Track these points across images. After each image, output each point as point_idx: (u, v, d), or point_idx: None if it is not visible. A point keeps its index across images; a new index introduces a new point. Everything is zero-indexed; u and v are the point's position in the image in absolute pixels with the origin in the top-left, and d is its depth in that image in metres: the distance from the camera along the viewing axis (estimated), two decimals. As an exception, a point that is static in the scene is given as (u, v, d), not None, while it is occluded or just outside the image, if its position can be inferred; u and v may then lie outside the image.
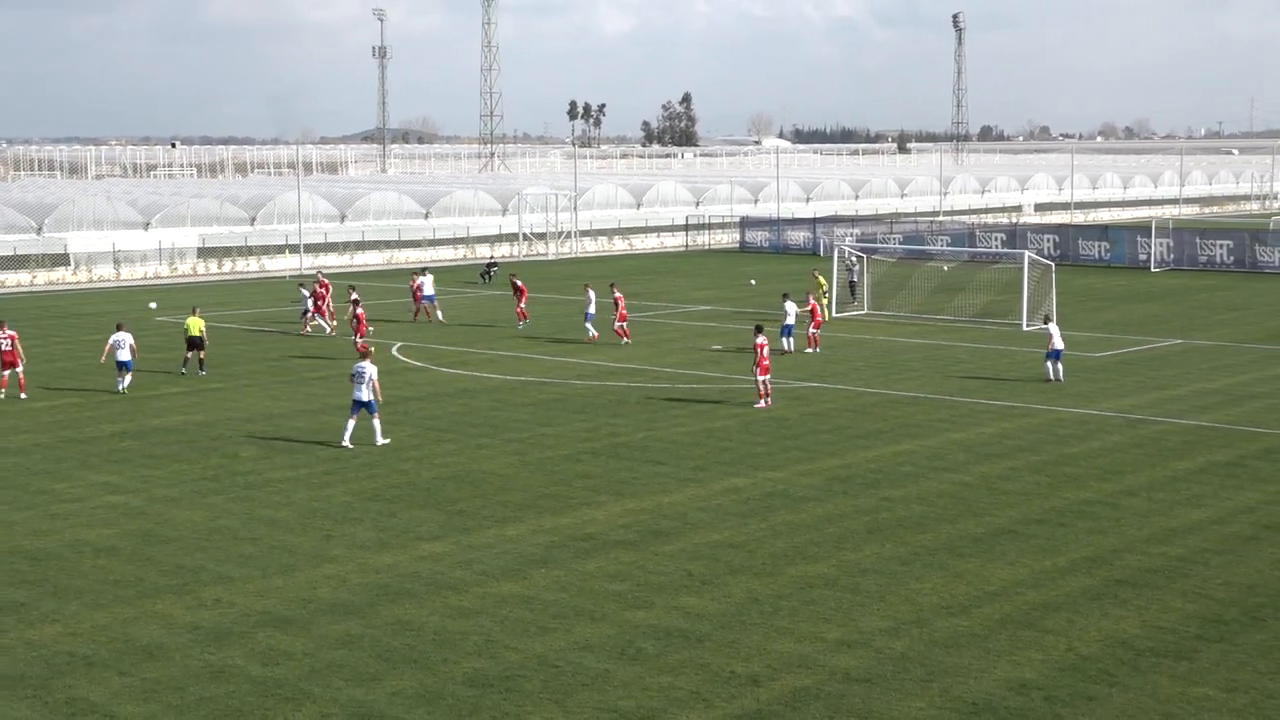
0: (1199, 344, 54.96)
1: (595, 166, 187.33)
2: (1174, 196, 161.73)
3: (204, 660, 21.39)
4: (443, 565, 26.12)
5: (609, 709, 19.56)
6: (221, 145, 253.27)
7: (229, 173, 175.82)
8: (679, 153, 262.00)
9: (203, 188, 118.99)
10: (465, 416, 40.04)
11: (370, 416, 36.07)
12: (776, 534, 28.18)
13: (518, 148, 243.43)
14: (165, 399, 42.79)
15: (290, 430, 38.18)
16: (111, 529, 28.61)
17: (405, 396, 43.18)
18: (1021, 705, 19.72)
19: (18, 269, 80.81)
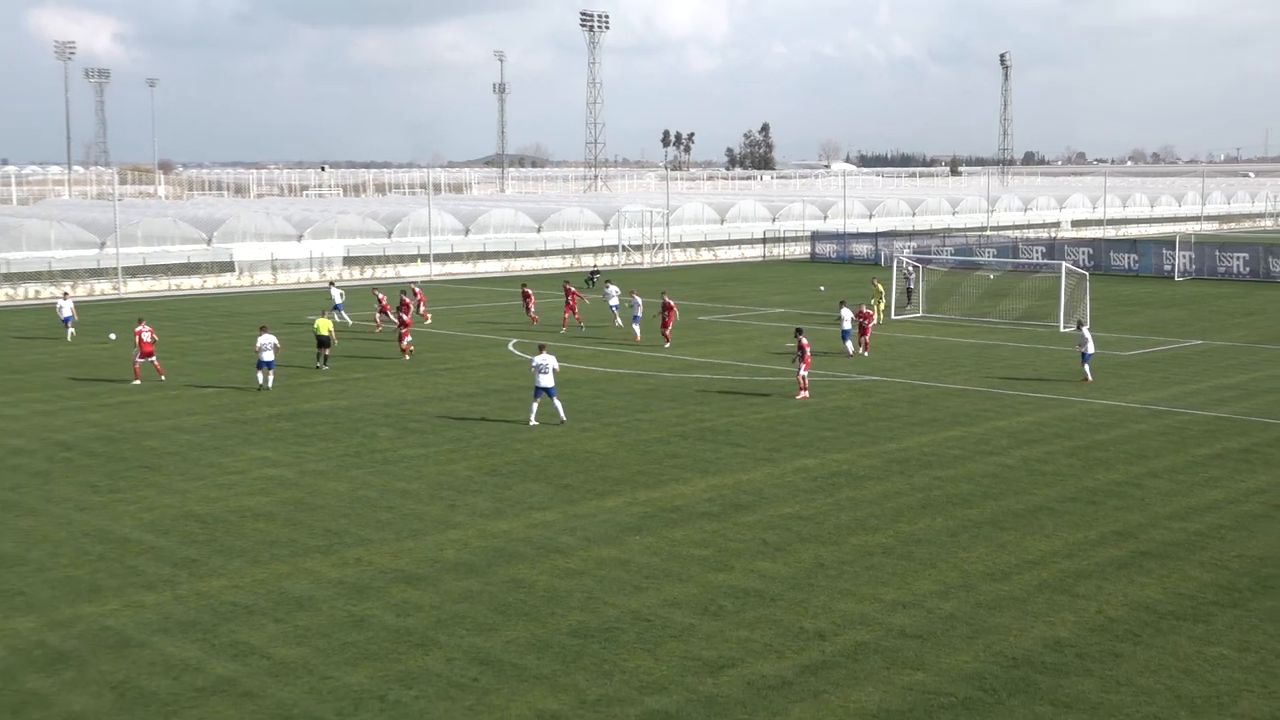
0: (1217, 345, 54.03)
1: (685, 187, 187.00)
2: (1196, 214, 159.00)
3: (346, 611, 21.64)
4: (551, 532, 26.24)
5: (693, 658, 19.58)
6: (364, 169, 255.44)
7: (370, 192, 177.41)
8: (758, 175, 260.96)
9: (347, 205, 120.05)
10: (571, 403, 40.11)
11: (551, 400, 36.56)
12: (841, 508, 28.06)
13: (618, 171, 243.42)
14: (315, 386, 43.28)
15: (421, 414, 38.49)
16: (269, 497, 29.00)
17: (519, 386, 43.37)
18: (1056, 660, 19.53)
19: (190, 275, 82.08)
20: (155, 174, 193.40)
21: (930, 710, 17.79)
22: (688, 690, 18.41)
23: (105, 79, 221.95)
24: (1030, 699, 18.15)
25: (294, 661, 19.45)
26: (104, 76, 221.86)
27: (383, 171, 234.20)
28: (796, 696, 18.22)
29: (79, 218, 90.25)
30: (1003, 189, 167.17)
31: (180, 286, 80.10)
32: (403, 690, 18.43)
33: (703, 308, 67.61)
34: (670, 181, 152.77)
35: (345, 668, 19.21)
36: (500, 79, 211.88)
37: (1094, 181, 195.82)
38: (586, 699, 18.12)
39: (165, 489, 29.69)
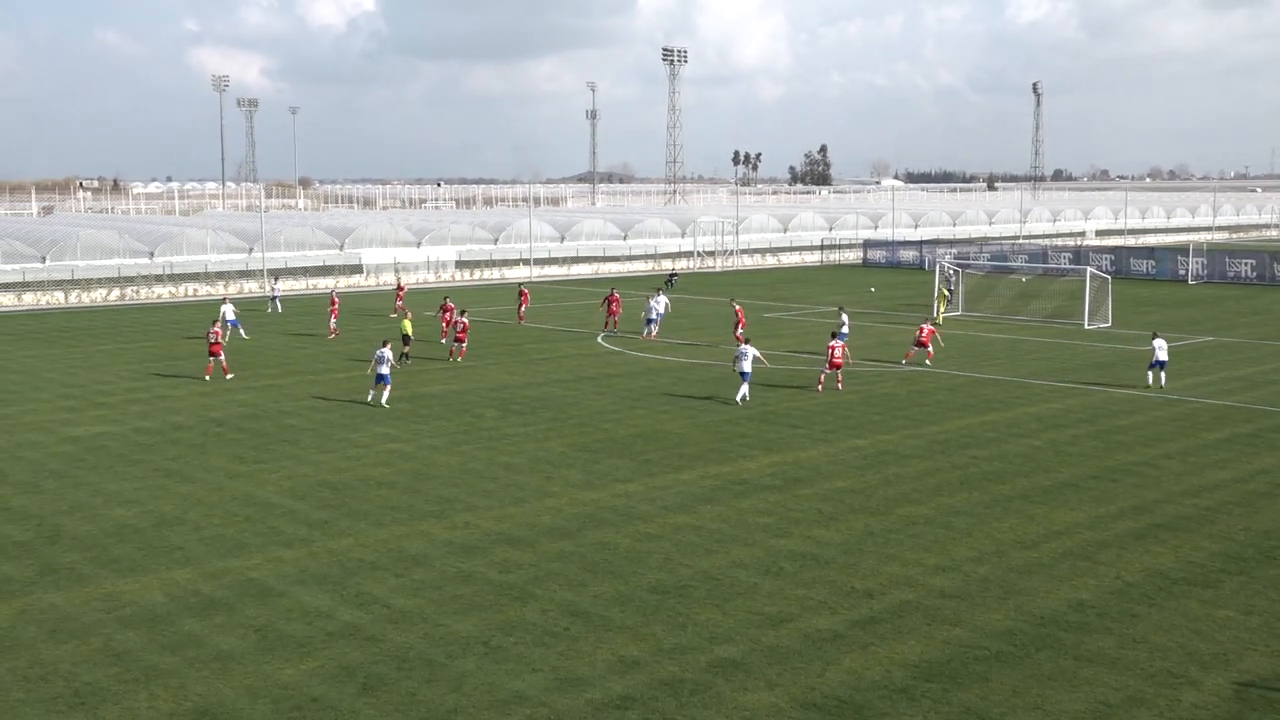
0: (1227, 341, 52.88)
1: (752, 200, 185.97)
2: (1208, 225, 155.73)
3: (456, 567, 21.77)
4: (633, 501, 26.24)
5: (757, 613, 19.49)
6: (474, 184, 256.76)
7: (479, 204, 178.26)
8: (817, 190, 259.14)
9: (459, 216, 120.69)
10: (651, 389, 40.15)
11: (744, 382, 37.44)
12: (888, 483, 27.79)
13: (694, 186, 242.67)
14: (431, 373, 43.60)
15: (522, 398, 38.64)
16: (390, 468, 29.24)
17: (608, 374, 43.44)
18: (1079, 619, 19.22)
19: (325, 275, 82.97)
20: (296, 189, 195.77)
21: (966, 662, 17.58)
22: (751, 641, 18.33)
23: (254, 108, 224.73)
24: (1055, 654, 17.87)
25: (410, 610, 19.60)
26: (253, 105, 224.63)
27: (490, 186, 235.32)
28: (847, 648, 18.08)
29: (231, 226, 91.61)
30: (1034, 202, 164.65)
31: (316, 286, 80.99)
32: (504, 637, 18.51)
33: (767, 306, 67.25)
34: (739, 195, 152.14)
35: (454, 617, 19.33)
36: (592, 106, 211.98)
37: (1116, 196, 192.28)
38: (663, 647, 18.09)
39: (302, 460, 30.04)
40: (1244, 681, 16.91)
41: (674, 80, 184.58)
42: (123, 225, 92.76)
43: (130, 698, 16.42)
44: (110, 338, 54.24)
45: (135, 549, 22.79)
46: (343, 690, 16.67)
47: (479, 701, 16.32)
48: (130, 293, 74.68)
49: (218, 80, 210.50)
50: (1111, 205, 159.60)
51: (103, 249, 78.67)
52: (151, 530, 24.01)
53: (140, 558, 22.27)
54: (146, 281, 76.18)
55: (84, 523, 24.53)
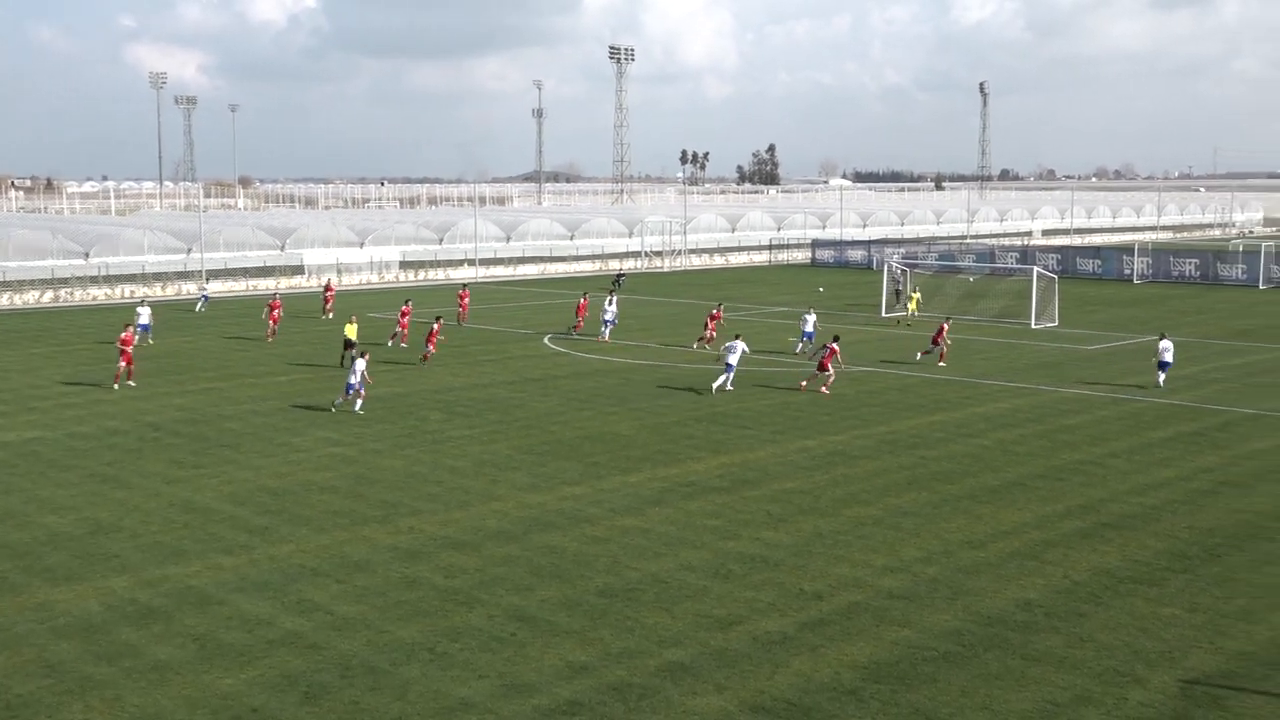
0: (1171, 340, 53.59)
1: (700, 200, 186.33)
2: (1153, 224, 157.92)
3: (400, 573, 21.65)
4: (581, 504, 26.20)
5: (706, 615, 19.53)
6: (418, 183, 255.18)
7: (423, 204, 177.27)
8: (765, 189, 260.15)
9: (403, 216, 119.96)
10: (599, 391, 40.12)
11: (726, 374, 39.21)
12: (836, 483, 27.95)
13: (641, 185, 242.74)
14: (372, 374, 43.24)
15: (467, 400, 38.49)
16: (332, 473, 29.02)
17: (554, 375, 43.37)
18: (1026, 619, 19.42)
19: (265, 277, 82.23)
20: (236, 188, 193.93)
21: (915, 663, 17.70)
22: (700, 644, 18.36)
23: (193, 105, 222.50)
24: (1003, 653, 18.04)
25: (354, 617, 19.46)
26: (191, 103, 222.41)
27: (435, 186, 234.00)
28: (796, 650, 18.15)
29: (169, 226, 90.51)
30: (981, 202, 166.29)
31: (256, 287, 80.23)
32: (449, 643, 18.42)
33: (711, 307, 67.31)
34: (687, 195, 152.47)
35: (399, 623, 19.21)
36: (538, 104, 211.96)
37: (1062, 195, 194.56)
38: (611, 651, 18.08)
39: (242, 465, 29.75)
40: (1189, 679, 17.16)
41: (621, 79, 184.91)
42: (56, 225, 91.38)
43: (64, 710, 16.18)
44: (43, 341, 53.44)
45: (70, 557, 22.46)
46: (284, 700, 16.51)
47: (424, 709, 16.23)
48: (64, 294, 73.60)
49: (155, 77, 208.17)
50: (1058, 205, 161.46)
51: (35, 249, 77.45)
52: (87, 537, 23.67)
53: (75, 566, 21.95)
54: (81, 283, 75.10)
55: (16, 530, 24.14)
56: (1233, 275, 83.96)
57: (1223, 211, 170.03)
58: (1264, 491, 27.24)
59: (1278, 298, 74.10)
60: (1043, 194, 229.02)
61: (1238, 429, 33.96)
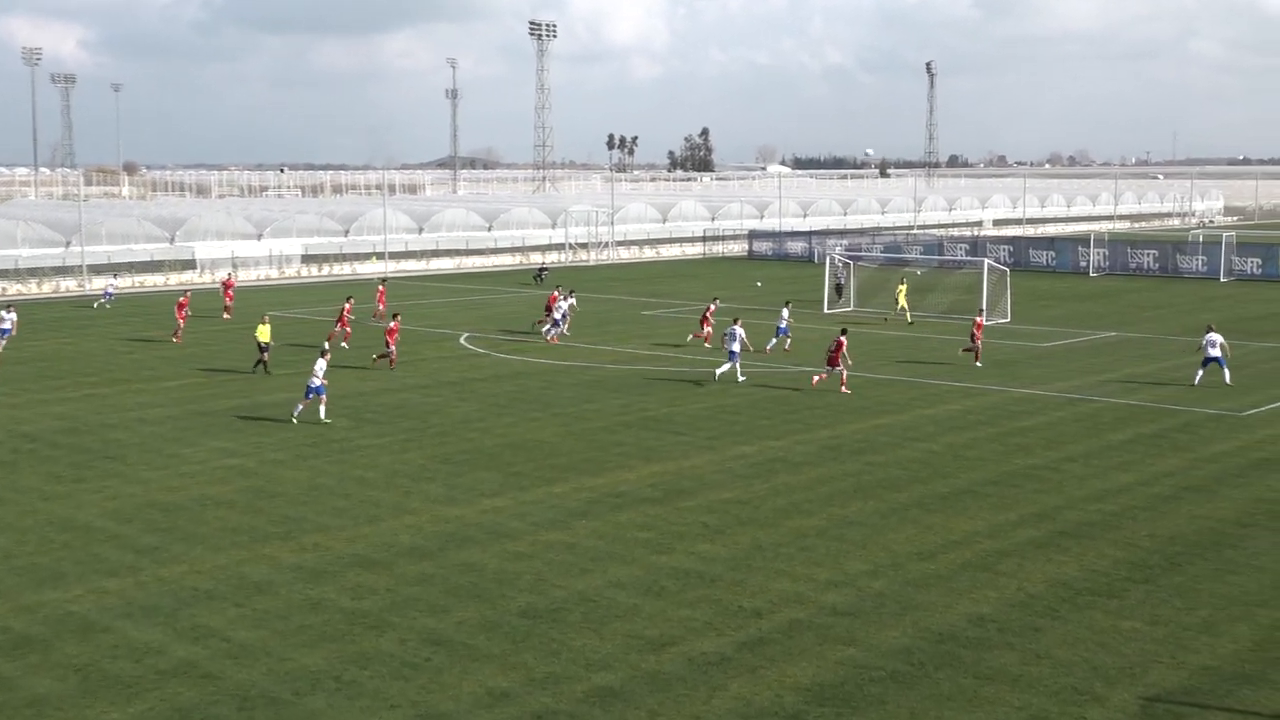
0: (1130, 336, 54.61)
1: (629, 188, 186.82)
2: (1109, 214, 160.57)
3: (304, 594, 21.44)
4: (501, 517, 26.12)
5: (637, 636, 19.54)
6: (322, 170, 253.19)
7: (327, 193, 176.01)
8: (698, 177, 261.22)
9: (306, 205, 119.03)
10: (521, 395, 40.03)
11: (730, 361, 41.19)
12: (777, 493, 28.10)
13: (565, 172, 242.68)
14: (274, 379, 42.85)
15: (376, 406, 38.21)
16: (229, 486, 28.68)
17: (472, 378, 43.21)
18: (979, 635, 19.64)
19: (154, 272, 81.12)
20: (120, 175, 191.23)
21: (861, 684, 17.83)
22: (631, 667, 18.36)
23: (71, 84, 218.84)
24: (955, 672, 18.23)
25: (253, 644, 19.24)
26: (70, 81, 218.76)
27: (340, 173, 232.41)
28: (735, 672, 18.21)
29: (45, 217, 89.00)
30: (929, 190, 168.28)
31: (144, 284, 79.11)
32: (358, 670, 18.26)
33: (645, 303, 67.55)
34: (615, 183, 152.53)
35: (302, 649, 19.02)
36: (452, 85, 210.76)
37: (1014, 183, 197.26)
38: (535, 677, 18.03)
39: (128, 478, 29.30)
40: (1150, 696, 17.45)
41: (542, 57, 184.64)
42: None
43: (-70, 751, 15.82)
44: (-95, 343, 52.23)
45: (-65, 582, 21.98)
46: (176, 735, 16.27)
47: (331, 743, 16.07)
48: (-72, 292, 72.10)
49: (29, 53, 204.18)
50: (1009, 193, 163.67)
51: (-106, 243, 75.83)
52: (-46, 560, 23.18)
53: (-59, 592, 21.49)
54: (-54, 280, 73.62)
55: (-125, 553, 23.58)
56: (1193, 267, 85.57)
57: (1182, 200, 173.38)
58: (1227, 496, 27.80)
59: (1239, 291, 75.69)
60: (994, 181, 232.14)
61: (1200, 430, 34.62)
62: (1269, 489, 28.39)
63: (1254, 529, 25.31)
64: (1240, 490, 28.31)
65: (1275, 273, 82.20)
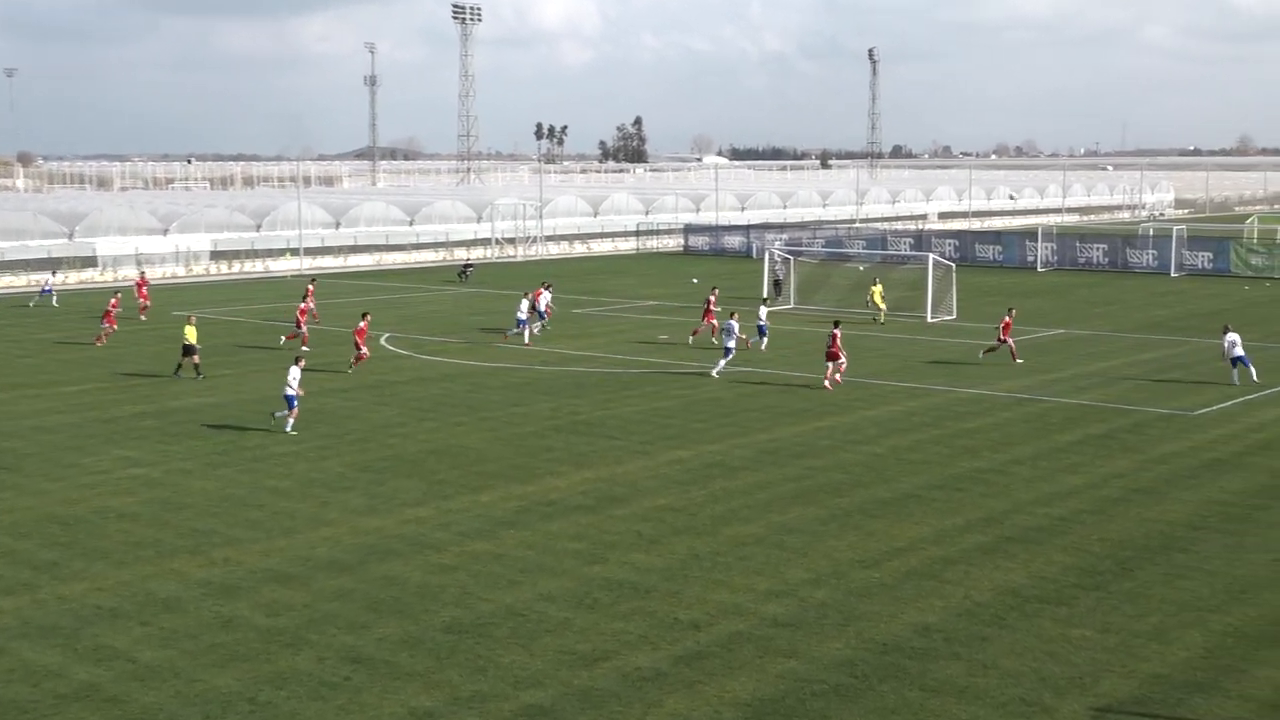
0: (1078, 333, 55.35)
1: (558, 180, 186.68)
2: (1057, 206, 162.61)
3: (215, 611, 21.25)
4: (425, 527, 26.03)
5: (568, 652, 19.54)
6: (232, 161, 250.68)
7: (238, 185, 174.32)
8: (631, 168, 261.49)
9: (215, 198, 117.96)
10: (445, 398, 39.90)
11: (725, 357, 43.36)
12: (714, 499, 28.21)
13: (491, 163, 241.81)
14: (182, 383, 42.42)
15: (291, 410, 37.90)
16: (133, 497, 28.37)
17: (393, 380, 43.01)
18: (925, 645, 19.83)
19: (52, 270, 79.96)
20: (14, 166, 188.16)
21: (803, 698, 17.95)
22: (562, 684, 18.37)
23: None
24: (900, 684, 18.40)
25: (160, 665, 19.04)
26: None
27: (251, 164, 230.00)
28: (671, 687, 18.27)
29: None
30: (871, 182, 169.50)
31: (36, 282, 77.93)
32: (273, 691, 18.13)
33: (577, 300, 67.52)
34: (543, 174, 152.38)
35: (213, 670, 18.85)
36: (371, 71, 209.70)
37: (960, 174, 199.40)
38: (460, 695, 17.99)
39: (25, 490, 28.88)
40: (1101, 706, 17.70)
41: (466, 42, 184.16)
42: None
43: None
44: None
45: None
46: (78, 763, 16.08)
47: (244, 768, 15.94)
48: None
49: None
50: (955, 185, 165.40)
51: None
52: None
53: None
54: None
55: None
56: (1143, 262, 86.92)
57: (1132, 192, 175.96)
58: (1177, 498, 28.26)
59: (1190, 286, 76.95)
60: (938, 173, 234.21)
61: (1149, 430, 35.17)
62: (1220, 490, 28.91)
63: (1205, 531, 25.77)
64: (1191, 492, 28.80)
65: (1226, 268, 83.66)
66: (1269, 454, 32.41)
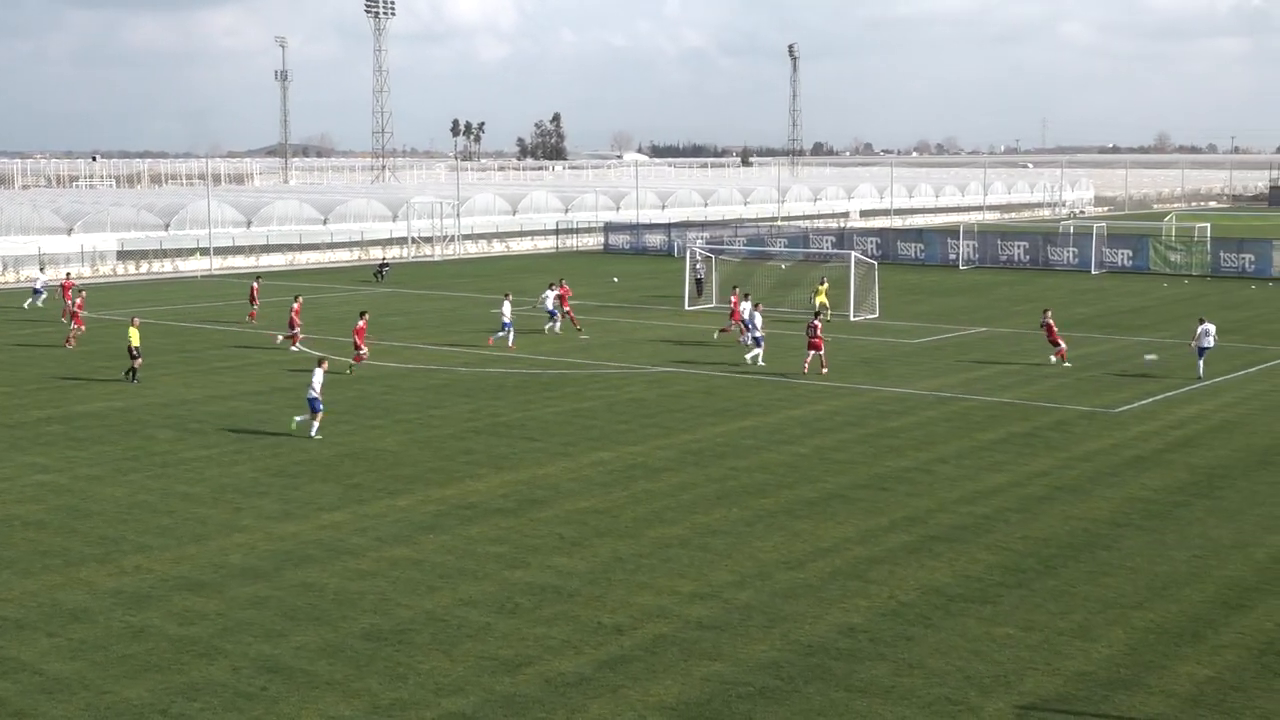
0: (1000, 331, 56.05)
1: (476, 178, 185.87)
2: (979, 204, 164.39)
3: (125, 621, 20.97)
4: (341, 533, 25.85)
5: (490, 657, 19.51)
6: (139, 158, 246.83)
7: (145, 183, 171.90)
8: (550, 165, 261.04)
9: (121, 197, 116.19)
10: (361, 401, 39.63)
11: (758, 346, 45.81)
12: (637, 501, 28.26)
13: (406, 161, 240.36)
14: (88, 387, 41.82)
15: (202, 415, 37.51)
16: (39, 505, 27.91)
17: (306, 384, 42.56)
18: (850, 646, 20.00)
19: (40, 266, 78.32)
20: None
21: (728, 700, 18.04)
22: (484, 690, 18.33)
23: None
24: (826, 685, 18.55)
25: (69, 677, 18.76)
26: None
27: (158, 161, 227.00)
28: (595, 692, 18.29)
29: None
30: (793, 179, 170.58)
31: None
32: (186, 703, 17.93)
33: (496, 301, 67.21)
34: (460, 172, 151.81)
35: (124, 681, 18.60)
36: (282, 66, 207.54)
37: (881, 172, 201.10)
38: (380, 703, 17.89)
39: (-75, 499, 28.33)
40: (1025, 704, 17.96)
41: (380, 36, 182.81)
42: None
43: None
44: None
45: None
46: (-17, 779, 15.81)
47: (157, 782, 15.75)
48: None
49: None
50: (876, 182, 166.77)
51: None
52: None
53: None
54: None
55: None
56: (1064, 259, 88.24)
57: (1052, 190, 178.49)
58: (1100, 496, 28.73)
59: (1111, 284, 78.20)
60: (860, 170, 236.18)
61: (1072, 428, 35.71)
62: (1142, 487, 29.42)
63: (1127, 529, 26.22)
64: (1113, 489, 29.28)
65: (1146, 265, 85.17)
66: (1188, 451, 33.04)
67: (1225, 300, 68.55)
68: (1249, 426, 35.95)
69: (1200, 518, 27.02)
